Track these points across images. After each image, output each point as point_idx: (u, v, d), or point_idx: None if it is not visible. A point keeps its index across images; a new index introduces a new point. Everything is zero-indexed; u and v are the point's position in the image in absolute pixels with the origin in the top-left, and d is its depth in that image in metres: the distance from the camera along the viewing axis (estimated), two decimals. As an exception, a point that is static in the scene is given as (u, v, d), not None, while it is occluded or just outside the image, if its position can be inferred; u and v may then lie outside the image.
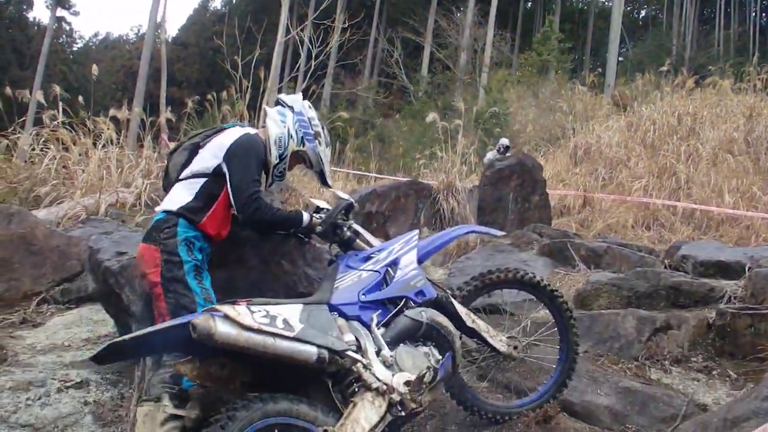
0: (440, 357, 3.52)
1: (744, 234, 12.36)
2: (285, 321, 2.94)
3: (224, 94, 14.58)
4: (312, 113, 4.10)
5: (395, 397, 3.20)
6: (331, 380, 3.16)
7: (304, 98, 4.16)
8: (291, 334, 2.89)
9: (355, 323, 3.40)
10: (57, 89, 12.58)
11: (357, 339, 3.29)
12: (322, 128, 4.12)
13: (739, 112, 16.07)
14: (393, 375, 3.26)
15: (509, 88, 26.33)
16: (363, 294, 3.53)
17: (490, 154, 14.20)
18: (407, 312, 3.55)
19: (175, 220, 3.61)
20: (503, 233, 4.84)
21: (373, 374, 3.17)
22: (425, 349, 3.52)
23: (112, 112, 11.91)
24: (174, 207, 3.65)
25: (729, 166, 14.31)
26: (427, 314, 3.55)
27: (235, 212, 3.69)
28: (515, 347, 4.13)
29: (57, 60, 46.07)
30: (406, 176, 13.88)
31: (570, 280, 7.03)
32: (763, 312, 5.05)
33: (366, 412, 3.05)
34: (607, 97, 21.66)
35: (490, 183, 10.58)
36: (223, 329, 2.70)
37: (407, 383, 3.27)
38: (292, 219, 3.87)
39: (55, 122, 10.49)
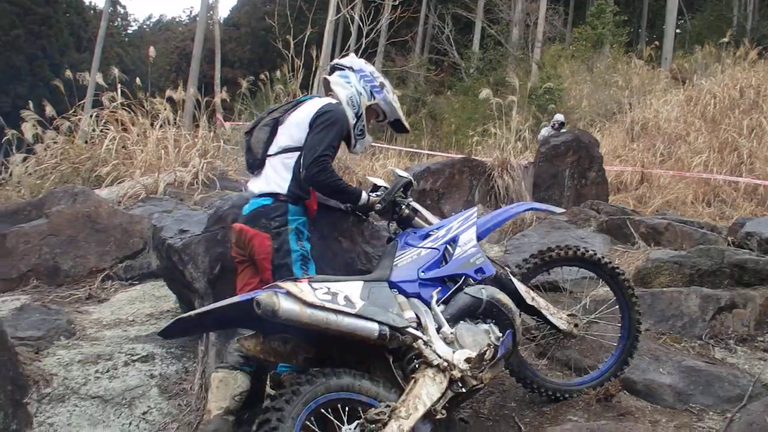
0: (500, 334, 3.51)
1: (809, 210, 11.98)
2: (346, 298, 2.97)
3: (277, 73, 14.66)
4: (371, 67, 4.12)
5: (456, 373, 3.21)
6: (392, 356, 3.19)
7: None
8: (353, 311, 2.93)
9: (415, 300, 3.42)
10: (115, 71, 12.83)
11: (417, 316, 3.32)
12: (384, 78, 4.13)
13: (804, 83, 15.52)
14: (453, 352, 3.28)
15: (563, 63, 25.83)
16: (422, 271, 3.54)
17: (545, 131, 14.01)
18: (467, 289, 3.55)
19: (284, 207, 3.68)
20: (563, 210, 4.78)
21: (434, 351, 3.19)
22: (485, 326, 3.51)
23: (168, 93, 12.11)
24: (279, 189, 3.71)
25: (794, 140, 13.86)
26: (487, 292, 3.55)
27: (301, 170, 3.70)
28: (575, 325, 4.10)
29: (113, 43, 47.02)
30: (459, 153, 13.75)
31: (629, 257, 6.91)
32: (834, 290, 4.89)
33: (427, 388, 3.07)
34: (665, 71, 21.08)
35: (546, 159, 10.43)
36: (286, 306, 2.75)
37: (468, 360, 3.27)
38: (351, 193, 3.86)
39: (114, 104, 10.70)
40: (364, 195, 3.88)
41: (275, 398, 2.75)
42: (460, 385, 3.25)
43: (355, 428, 2.81)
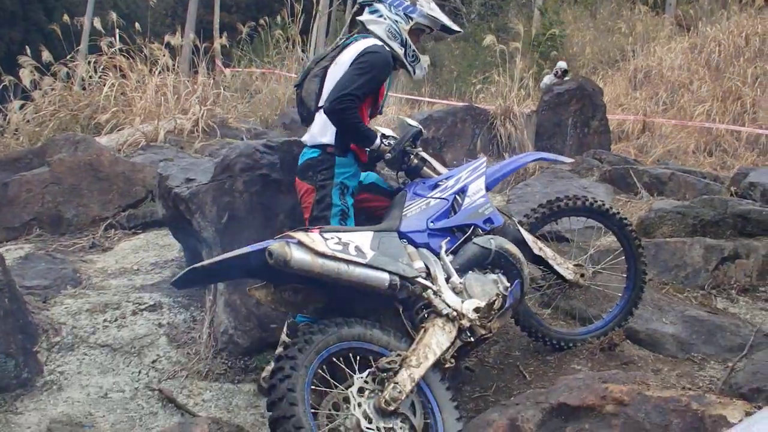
0: (509, 284, 3.53)
1: (812, 160, 11.94)
2: (357, 248, 2.98)
3: (277, 18, 14.43)
4: None
5: (465, 323, 3.24)
6: (401, 306, 3.21)
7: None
8: (363, 261, 2.94)
9: (425, 250, 3.43)
10: (113, 16, 12.62)
11: (426, 266, 3.34)
12: None
13: (810, 31, 15.30)
14: (462, 301, 3.30)
15: (565, 9, 25.39)
16: (431, 222, 3.55)
17: (547, 78, 13.84)
18: (476, 239, 3.56)
19: (331, 160, 3.70)
20: (571, 160, 4.75)
21: (444, 301, 3.22)
22: (494, 276, 3.53)
23: (167, 38, 11.91)
24: (326, 140, 3.72)
25: (797, 90, 13.74)
26: (495, 242, 3.55)
27: (325, 102, 3.68)
28: (582, 275, 4.12)
29: (107, -14, 45.99)
30: (460, 101, 13.62)
31: (632, 207, 6.90)
32: (838, 241, 4.91)
33: (437, 337, 3.10)
34: (670, 17, 20.72)
35: (549, 107, 10.32)
36: (298, 255, 2.76)
37: (477, 309, 3.30)
38: (367, 135, 3.75)
39: (113, 49, 10.54)
40: (377, 141, 3.80)
41: (288, 347, 2.78)
42: (469, 334, 3.28)
43: (366, 376, 2.85)
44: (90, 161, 6.67)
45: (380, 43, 3.81)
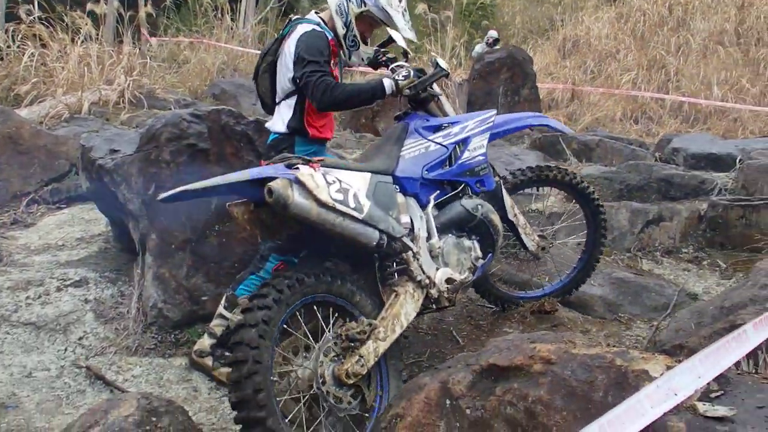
0: (481, 255, 3.52)
1: (731, 126, 12.35)
2: (356, 197, 2.89)
3: (204, -16, 14.03)
4: None
5: (434, 293, 3.24)
6: (378, 261, 3.19)
7: None
8: (360, 216, 2.87)
9: (413, 202, 3.37)
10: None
11: (411, 221, 3.29)
12: None
13: (730, 2, 15.73)
14: (437, 269, 3.30)
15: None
16: (426, 170, 3.45)
17: (479, 47, 13.93)
18: (464, 201, 3.51)
19: (291, 139, 3.62)
20: (572, 131, 4.66)
21: (420, 266, 3.20)
22: (469, 243, 3.52)
23: (89, 6, 11.45)
24: (282, 129, 3.64)
25: (719, 58, 14.14)
26: (482, 209, 3.52)
27: (316, 107, 3.55)
28: (543, 248, 4.11)
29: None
30: (392, 71, 13.52)
31: (561, 173, 7.03)
32: (755, 203, 5.10)
33: (407, 307, 3.09)
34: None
35: (480, 76, 10.39)
36: (299, 200, 2.66)
37: (449, 281, 3.30)
38: (372, 89, 3.54)
39: (31, 17, 10.11)
40: (387, 83, 3.51)
41: (266, 289, 2.71)
42: (433, 304, 3.30)
43: (335, 337, 2.82)
44: (9, 134, 6.39)
45: (316, 28, 3.64)
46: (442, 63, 3.69)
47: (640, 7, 15.96)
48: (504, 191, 3.86)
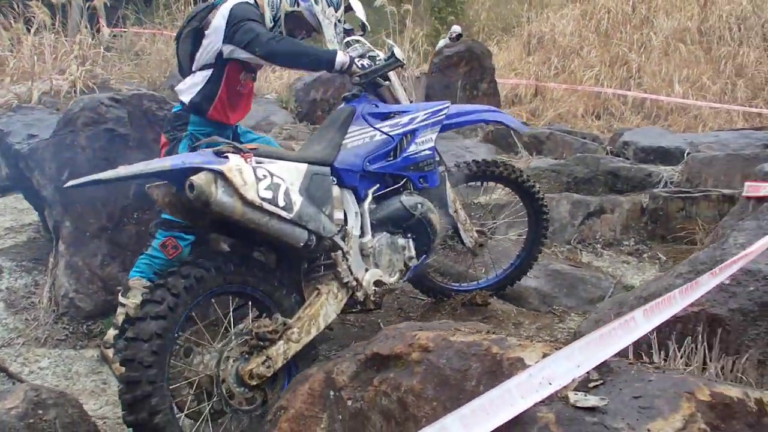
0: (414, 256, 3.39)
1: (692, 123, 12.37)
2: (287, 194, 2.71)
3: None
4: None
5: (360, 295, 3.10)
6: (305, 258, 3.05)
7: None
8: (289, 216, 2.70)
9: (349, 195, 3.20)
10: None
11: (345, 216, 3.13)
12: None
13: (693, 0, 15.80)
14: (366, 270, 3.15)
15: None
16: (368, 161, 3.29)
17: (442, 42, 13.82)
18: (404, 198, 3.36)
19: (186, 117, 3.54)
20: (527, 129, 4.52)
21: (348, 267, 3.05)
22: (403, 242, 3.38)
23: (43, -6, 11.21)
24: (187, 99, 3.53)
25: (681, 56, 14.16)
26: (422, 209, 3.37)
27: (256, 58, 3.39)
28: (481, 245, 4.01)
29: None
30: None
31: (512, 166, 6.97)
32: (695, 195, 5.07)
33: (327, 308, 2.94)
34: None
35: (438, 70, 10.29)
36: (222, 199, 2.47)
37: (377, 283, 3.17)
38: (319, 57, 3.39)
39: (-21, 6, 9.89)
40: (340, 58, 3.34)
41: (171, 278, 2.53)
42: (357, 306, 3.16)
43: (242, 332, 2.68)
44: (-58, 120, 6.18)
45: (249, 1, 3.52)
46: (398, 53, 3.52)
47: (604, 5, 15.94)
48: (448, 184, 3.75)
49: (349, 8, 3.70)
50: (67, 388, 3.28)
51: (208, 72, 3.51)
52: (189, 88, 3.55)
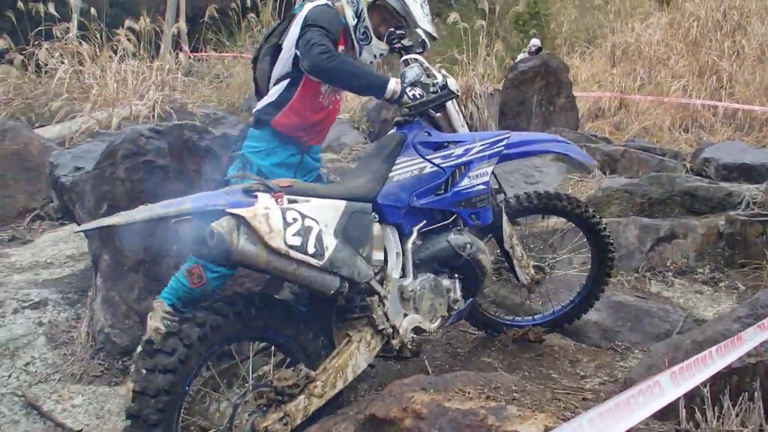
0: (459, 299, 3.17)
1: (789, 136, 11.64)
2: (318, 239, 2.50)
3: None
4: None
5: (395, 343, 2.88)
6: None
7: None
8: (319, 264, 2.50)
9: (391, 233, 2.99)
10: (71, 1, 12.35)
11: (386, 256, 2.92)
12: None
13: (791, 4, 14.93)
14: (405, 315, 2.94)
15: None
16: (416, 196, 3.06)
17: (521, 56, 13.53)
18: (452, 237, 3.14)
19: (245, 131, 3.35)
20: (595, 163, 4.23)
21: (385, 313, 2.84)
22: (448, 283, 3.16)
23: (128, 23, 11.64)
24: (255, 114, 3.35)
25: (776, 63, 13.40)
26: (471, 249, 3.15)
27: (304, 67, 3.11)
28: (537, 282, 3.76)
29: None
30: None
31: (583, 186, 6.64)
32: (775, 219, 4.64)
33: (356, 358, 2.73)
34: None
35: (513, 85, 10.01)
36: (245, 248, 2.30)
37: (416, 330, 2.96)
38: (370, 82, 3.17)
39: (69, 35, 10.36)
40: (391, 86, 3.12)
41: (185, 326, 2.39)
42: (394, 352, 2.94)
43: (259, 380, 2.55)
44: (17, 150, 6.42)
45: (330, 3, 3.29)
46: (452, 84, 3.32)
47: (693, 12, 15.27)
48: (505, 221, 3.50)
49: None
50: (97, 428, 3.23)
51: (284, 83, 3.28)
52: (261, 105, 3.36)
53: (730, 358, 1.84)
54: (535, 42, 13.75)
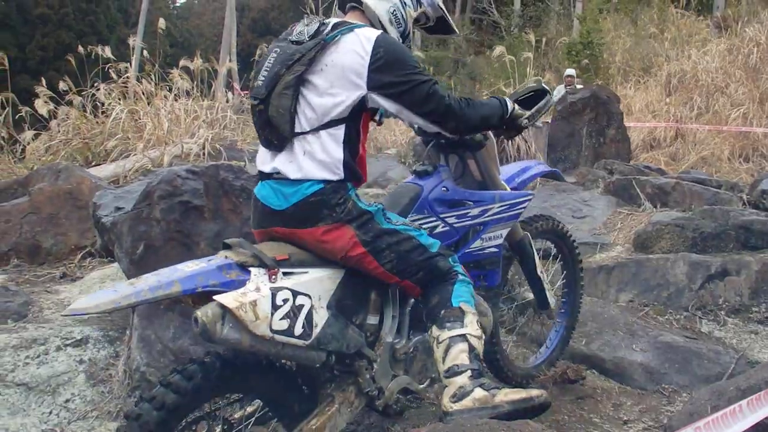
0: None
1: None
2: (308, 317, 2.39)
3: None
4: None
5: (379, 404, 2.75)
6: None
7: None
8: (305, 344, 2.40)
9: (392, 294, 2.83)
10: (131, 42, 12.78)
11: (381, 318, 2.80)
12: None
13: None
14: (393, 377, 2.80)
15: (605, 17, 24.71)
16: None
17: (560, 88, 13.35)
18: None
19: (344, 188, 2.62)
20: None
21: (372, 377, 2.72)
22: None
23: (182, 62, 11.99)
24: (330, 175, 2.58)
25: (843, 88, 12.90)
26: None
27: (443, 133, 2.78)
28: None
29: (160, 15, 47.10)
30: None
31: (633, 220, 6.46)
32: (835, 254, 4.41)
33: (335, 419, 2.60)
34: (707, 20, 19.86)
35: (562, 117, 9.88)
36: (228, 335, 2.22)
37: (403, 391, 2.84)
38: (496, 107, 2.85)
39: (126, 75, 10.74)
40: (509, 108, 2.88)
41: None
42: (377, 410, 2.80)
43: None
44: (70, 190, 6.58)
45: (378, 31, 2.68)
46: (555, 90, 3.18)
47: (753, 38, 14.86)
48: (534, 248, 3.44)
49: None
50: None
51: (340, 130, 2.61)
52: (323, 157, 2.60)
53: (763, 412, 1.72)
54: (570, 71, 13.57)
